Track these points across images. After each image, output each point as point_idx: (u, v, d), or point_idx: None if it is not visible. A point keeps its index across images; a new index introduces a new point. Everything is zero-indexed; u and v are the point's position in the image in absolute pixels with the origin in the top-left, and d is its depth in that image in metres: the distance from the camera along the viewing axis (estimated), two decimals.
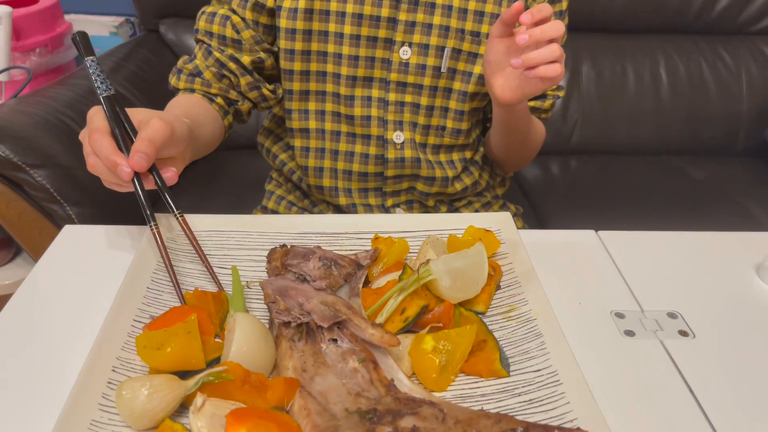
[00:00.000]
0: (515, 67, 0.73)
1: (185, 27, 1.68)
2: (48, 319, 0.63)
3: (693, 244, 0.79)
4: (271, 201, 1.05)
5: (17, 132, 1.09)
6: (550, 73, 0.72)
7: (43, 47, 1.76)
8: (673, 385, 0.58)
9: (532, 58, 0.71)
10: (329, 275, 0.63)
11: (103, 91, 0.67)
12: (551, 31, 0.71)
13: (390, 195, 0.98)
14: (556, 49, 0.71)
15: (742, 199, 1.49)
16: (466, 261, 0.60)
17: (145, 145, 0.61)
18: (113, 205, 1.18)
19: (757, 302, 0.70)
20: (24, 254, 1.42)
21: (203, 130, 0.83)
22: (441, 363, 0.54)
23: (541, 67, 0.72)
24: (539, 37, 0.71)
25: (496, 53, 0.78)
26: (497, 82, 0.80)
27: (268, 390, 0.50)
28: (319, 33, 0.87)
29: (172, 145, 0.66)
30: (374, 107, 0.91)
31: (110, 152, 0.61)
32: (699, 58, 1.73)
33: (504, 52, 0.78)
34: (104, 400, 0.50)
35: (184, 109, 0.84)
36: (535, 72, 0.72)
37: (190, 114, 0.79)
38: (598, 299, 0.69)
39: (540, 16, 0.71)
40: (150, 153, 0.61)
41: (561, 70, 0.72)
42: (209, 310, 0.59)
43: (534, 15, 0.70)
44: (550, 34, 0.71)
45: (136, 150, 0.61)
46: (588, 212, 1.45)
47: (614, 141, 1.72)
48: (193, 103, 0.88)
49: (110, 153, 0.61)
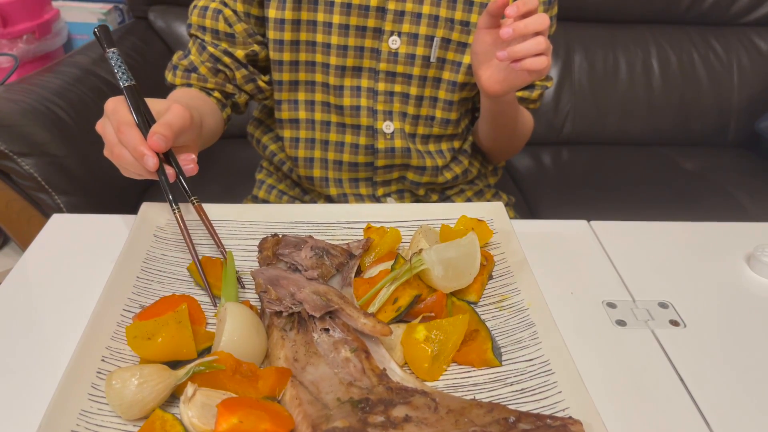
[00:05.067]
0: (501, 59, 0.72)
1: (174, 14, 1.67)
2: (36, 308, 0.62)
3: (684, 234, 0.80)
4: (262, 190, 1.05)
5: (4, 120, 1.07)
6: (536, 65, 0.71)
7: (30, 34, 1.74)
8: (664, 374, 0.58)
9: (517, 51, 0.71)
10: (321, 265, 0.63)
11: (125, 82, 0.68)
12: (535, 24, 0.70)
13: (381, 185, 0.98)
14: (542, 41, 0.71)
15: (732, 190, 1.49)
16: (458, 251, 0.60)
17: (164, 127, 0.63)
18: (102, 194, 1.17)
19: (747, 292, 0.70)
20: (12, 243, 1.41)
21: (206, 120, 0.84)
22: (433, 352, 0.54)
23: (528, 59, 0.71)
24: (523, 31, 0.70)
25: (483, 44, 0.78)
26: (484, 74, 0.79)
27: (259, 380, 0.49)
28: (307, 23, 0.87)
29: (189, 130, 0.68)
30: (364, 97, 0.91)
31: (138, 143, 0.62)
32: (691, 49, 1.73)
33: (491, 44, 0.77)
34: (94, 390, 0.49)
35: (185, 101, 0.84)
36: (521, 64, 0.71)
37: (192, 106, 0.79)
38: (590, 289, 0.69)
39: (525, 9, 0.70)
40: (168, 135, 0.63)
41: (547, 62, 0.72)
42: (218, 274, 0.62)
43: (519, 8, 0.70)
44: (534, 27, 0.70)
45: (154, 131, 0.63)
46: (579, 202, 1.46)
47: (606, 131, 1.73)
48: (194, 96, 0.89)
49: (138, 144, 0.62)
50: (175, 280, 0.63)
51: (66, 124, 1.15)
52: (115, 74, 0.70)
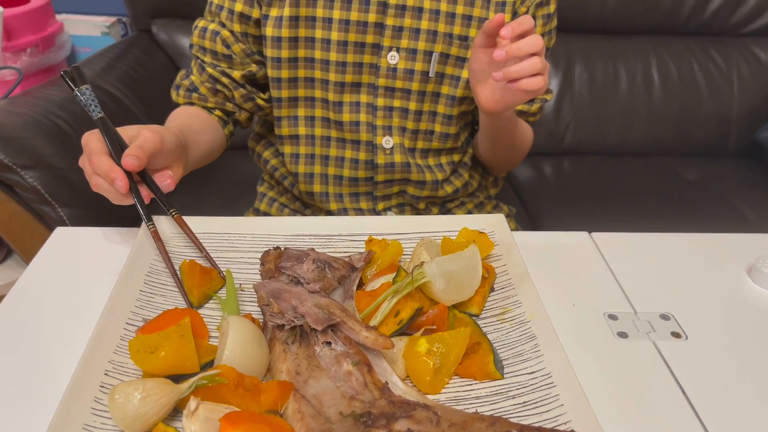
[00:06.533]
0: (496, 79, 0.73)
1: (177, 27, 1.68)
2: (40, 322, 0.62)
3: (685, 245, 0.80)
4: (264, 203, 1.05)
5: (8, 133, 1.08)
6: (531, 86, 0.71)
7: (34, 47, 1.75)
8: (666, 386, 0.58)
9: (512, 72, 0.71)
10: (323, 278, 0.63)
11: (96, 114, 0.72)
12: (529, 46, 0.70)
13: (381, 199, 0.98)
14: (537, 62, 0.70)
15: (733, 200, 1.49)
16: (459, 263, 0.60)
17: (136, 149, 0.67)
18: (105, 206, 1.17)
19: (749, 303, 0.70)
20: (15, 256, 1.41)
21: (202, 138, 0.87)
22: (435, 365, 0.54)
23: (523, 80, 0.71)
24: (516, 53, 0.70)
25: (480, 63, 0.78)
26: (482, 92, 0.80)
27: (261, 393, 0.49)
28: (305, 40, 0.87)
29: (163, 153, 0.71)
30: (363, 113, 0.91)
31: (108, 169, 0.66)
32: (691, 60, 1.73)
33: (487, 62, 0.77)
34: (97, 404, 0.49)
35: (182, 120, 0.89)
36: (517, 85, 0.72)
37: (188, 125, 0.85)
38: (592, 301, 0.69)
39: (520, 30, 0.70)
40: (140, 155, 0.66)
41: (543, 82, 0.71)
42: (193, 280, 0.63)
43: (514, 29, 0.70)
44: (527, 49, 0.70)
45: (127, 154, 0.66)
46: (580, 213, 1.46)
47: (606, 142, 1.73)
48: (192, 115, 0.92)
49: (108, 170, 0.66)
50: (177, 293, 0.63)
51: (69, 136, 1.16)
52: (87, 108, 0.73)
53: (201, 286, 0.63)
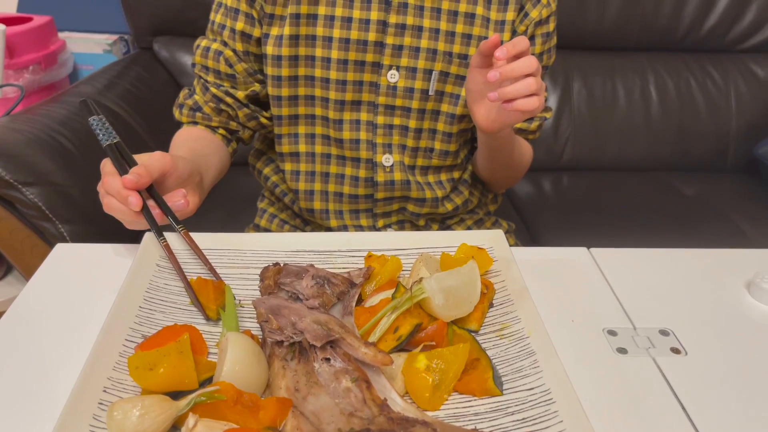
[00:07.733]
0: (492, 100, 0.73)
1: (179, 45, 1.69)
2: (39, 338, 0.62)
3: (685, 261, 0.80)
4: (264, 219, 1.05)
5: (9, 150, 1.09)
6: (527, 106, 0.72)
7: (36, 65, 1.77)
8: (666, 402, 0.58)
9: (508, 93, 0.72)
10: (322, 294, 0.63)
11: (111, 140, 0.74)
12: (523, 68, 0.70)
13: (381, 216, 0.98)
14: (532, 83, 0.71)
15: (732, 216, 1.50)
16: (458, 279, 0.60)
17: (139, 168, 0.68)
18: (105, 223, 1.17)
19: (748, 319, 0.70)
20: (15, 272, 1.41)
21: (211, 161, 0.89)
22: (434, 382, 0.54)
23: (519, 100, 0.72)
24: (510, 75, 0.71)
25: (477, 83, 0.79)
26: (478, 111, 0.80)
27: (260, 410, 0.49)
28: (305, 58, 0.88)
29: (173, 175, 0.73)
30: (363, 130, 0.92)
31: (120, 188, 0.67)
32: (688, 76, 1.75)
33: (484, 83, 0.78)
34: (95, 421, 0.49)
35: (190, 145, 0.90)
36: (512, 105, 0.72)
37: (197, 151, 0.87)
38: (591, 317, 0.69)
39: (515, 51, 0.71)
40: (141, 173, 0.68)
41: (538, 102, 0.72)
42: (208, 295, 0.63)
43: (509, 50, 0.70)
44: (521, 71, 0.71)
45: (130, 171, 0.68)
46: (580, 227, 1.46)
47: (605, 158, 1.74)
48: (197, 137, 0.93)
49: (120, 189, 0.67)
50: (177, 309, 0.64)
51: (70, 153, 1.17)
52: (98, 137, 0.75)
53: (216, 300, 0.63)
